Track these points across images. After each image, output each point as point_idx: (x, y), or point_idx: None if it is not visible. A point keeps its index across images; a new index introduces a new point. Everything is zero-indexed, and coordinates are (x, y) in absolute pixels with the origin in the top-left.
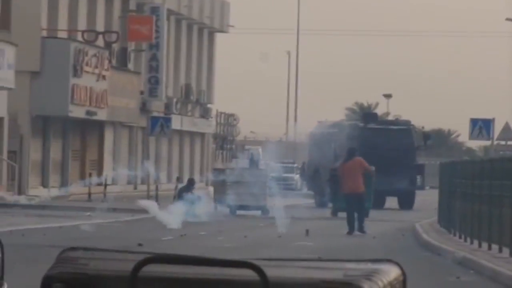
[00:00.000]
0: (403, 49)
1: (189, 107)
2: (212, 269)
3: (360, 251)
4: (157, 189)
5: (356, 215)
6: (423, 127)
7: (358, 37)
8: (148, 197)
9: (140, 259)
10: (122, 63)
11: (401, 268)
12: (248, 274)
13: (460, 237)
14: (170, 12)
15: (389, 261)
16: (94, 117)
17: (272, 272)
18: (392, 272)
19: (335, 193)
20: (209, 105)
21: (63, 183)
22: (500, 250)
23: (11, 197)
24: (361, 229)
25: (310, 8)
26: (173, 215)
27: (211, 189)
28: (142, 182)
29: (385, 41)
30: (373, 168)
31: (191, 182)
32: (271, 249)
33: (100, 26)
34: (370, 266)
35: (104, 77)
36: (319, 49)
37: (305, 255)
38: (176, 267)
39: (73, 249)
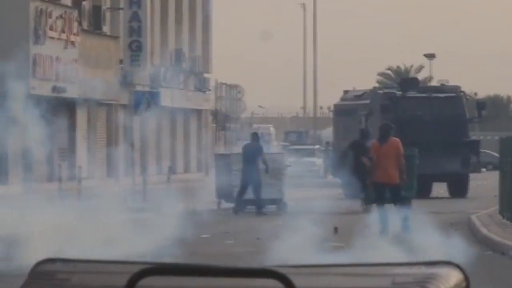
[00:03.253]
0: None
1: (181, 78)
2: (224, 280)
3: (405, 252)
4: (144, 182)
5: (394, 211)
6: (475, 94)
7: None
8: (134, 192)
9: (135, 271)
10: (95, 26)
11: (463, 272)
12: (270, 285)
13: None
14: None
15: (447, 263)
16: (63, 95)
17: (302, 281)
18: (452, 277)
19: (365, 180)
20: (206, 75)
21: (26, 178)
22: None
23: None
24: (406, 228)
25: None
26: None
27: (212, 180)
28: (126, 174)
29: None
30: (415, 150)
31: None
32: (291, 252)
33: None
34: (425, 270)
35: (73, 43)
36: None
37: (335, 259)
38: (180, 279)
39: (50, 260)
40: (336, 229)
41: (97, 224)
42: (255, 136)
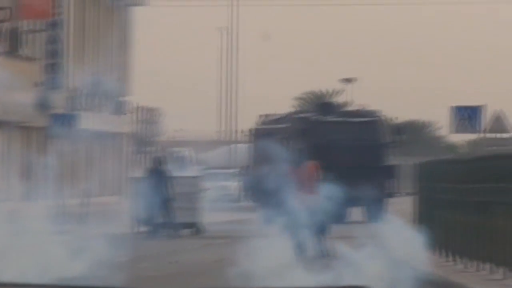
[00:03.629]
0: (367, 21)
1: (99, 100)
2: None
3: (321, 276)
4: (60, 205)
5: (312, 235)
6: (394, 119)
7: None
8: (49, 215)
9: None
10: (12, 48)
11: None
12: None
13: (447, 256)
14: None
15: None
16: None
17: None
18: None
19: (285, 205)
20: (124, 98)
21: None
22: (492, 271)
23: None
24: (323, 252)
25: None
26: None
27: (128, 203)
28: (42, 197)
29: (342, 12)
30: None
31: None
32: (207, 277)
33: None
34: None
35: None
36: (259, 25)
37: (252, 283)
38: None
39: None
40: (251, 253)
41: (12, 247)
42: (157, 160)
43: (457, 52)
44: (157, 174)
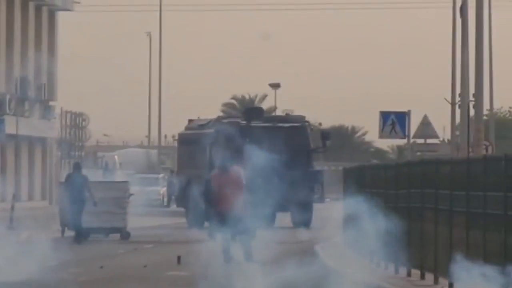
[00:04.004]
0: (293, 25)
1: (26, 105)
2: None
3: (247, 281)
4: None
5: (238, 240)
6: (320, 124)
7: (237, 13)
8: None
9: None
10: None
11: None
12: None
13: (372, 261)
14: None
15: None
16: None
17: None
18: None
19: (211, 210)
20: (51, 103)
21: None
22: (423, 277)
23: None
24: (249, 257)
25: None
26: None
27: (56, 208)
28: None
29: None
30: (259, 179)
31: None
32: (135, 282)
33: None
34: None
35: None
36: (186, 30)
37: None
38: None
39: None
40: (179, 258)
41: None
42: (77, 166)
43: (383, 57)
44: (76, 179)
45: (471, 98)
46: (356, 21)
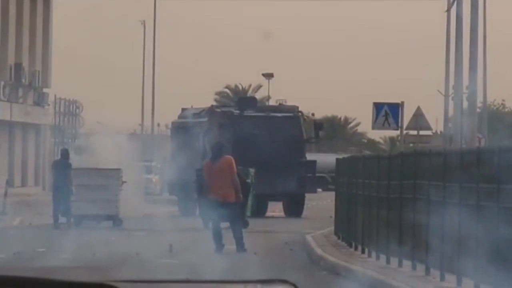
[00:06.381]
0: (287, 15)
1: (20, 92)
2: None
3: (240, 270)
4: None
5: (230, 229)
6: (313, 114)
7: (230, 3)
8: None
9: None
10: None
11: None
12: None
13: (363, 252)
14: None
15: (283, 281)
16: None
17: None
18: None
19: (203, 199)
20: (45, 90)
21: None
22: (414, 267)
23: None
24: (240, 247)
25: None
26: None
27: (49, 195)
28: None
29: (261, 6)
30: (251, 169)
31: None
32: (127, 268)
33: None
34: None
35: None
36: (180, 19)
37: (170, 276)
38: None
39: None
40: (171, 246)
41: None
42: (64, 152)
43: (377, 48)
44: (63, 166)
45: (465, 90)
46: (350, 12)
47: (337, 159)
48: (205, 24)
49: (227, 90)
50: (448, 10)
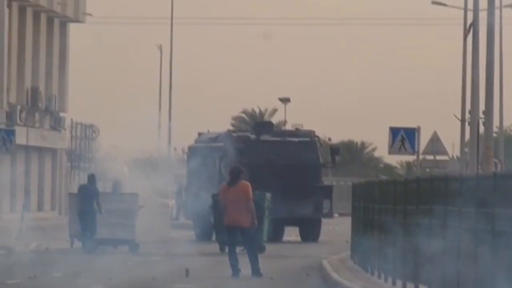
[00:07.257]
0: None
1: (37, 116)
2: None
3: None
4: None
5: (247, 254)
6: (329, 139)
7: (244, 28)
8: None
9: None
10: None
11: None
12: None
13: (379, 277)
14: None
15: None
16: None
17: None
18: None
19: (219, 224)
20: (61, 114)
21: None
22: None
23: None
24: (256, 272)
25: None
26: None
27: (65, 219)
28: None
29: (278, 31)
30: (268, 194)
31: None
32: None
33: None
34: None
35: None
36: (197, 43)
37: None
38: None
39: None
40: (187, 271)
41: None
42: (91, 178)
43: (394, 73)
44: (90, 191)
45: (481, 115)
46: (366, 36)
47: (353, 184)
48: (221, 49)
49: (243, 114)
50: (465, 38)
